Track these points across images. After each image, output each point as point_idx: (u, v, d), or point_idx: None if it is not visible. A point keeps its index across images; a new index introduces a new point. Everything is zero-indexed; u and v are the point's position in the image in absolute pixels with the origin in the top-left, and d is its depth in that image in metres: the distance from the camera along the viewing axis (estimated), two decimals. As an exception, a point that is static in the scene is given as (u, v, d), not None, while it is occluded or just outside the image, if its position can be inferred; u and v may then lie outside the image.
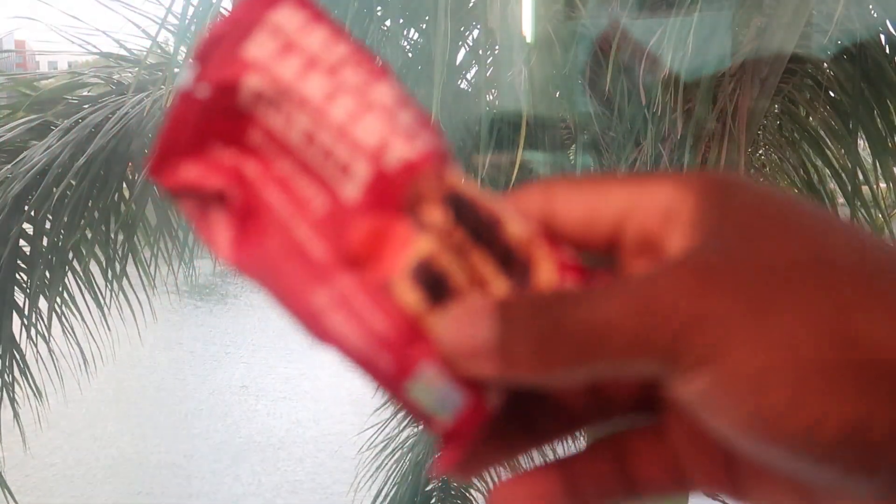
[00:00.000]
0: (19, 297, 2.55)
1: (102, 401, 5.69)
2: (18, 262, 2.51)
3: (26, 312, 2.54)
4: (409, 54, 2.03)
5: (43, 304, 2.56)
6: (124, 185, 2.55)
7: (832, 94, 2.20)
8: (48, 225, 2.47)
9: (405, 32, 2.02)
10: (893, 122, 2.12)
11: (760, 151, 2.54)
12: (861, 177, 2.18)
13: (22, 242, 2.48)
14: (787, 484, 0.24)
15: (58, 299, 2.55)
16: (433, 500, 3.12)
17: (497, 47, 1.96)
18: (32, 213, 2.39)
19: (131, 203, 2.54)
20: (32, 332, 2.56)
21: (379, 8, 1.88)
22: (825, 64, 2.14)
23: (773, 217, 0.23)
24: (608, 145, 2.08)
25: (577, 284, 0.25)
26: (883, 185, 2.22)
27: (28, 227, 2.46)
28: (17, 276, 2.53)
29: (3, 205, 2.34)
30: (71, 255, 2.55)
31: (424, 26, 1.96)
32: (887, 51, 2.05)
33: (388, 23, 1.92)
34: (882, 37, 2.06)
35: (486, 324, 0.23)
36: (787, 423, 0.20)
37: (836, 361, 0.20)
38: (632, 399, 0.27)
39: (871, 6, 1.94)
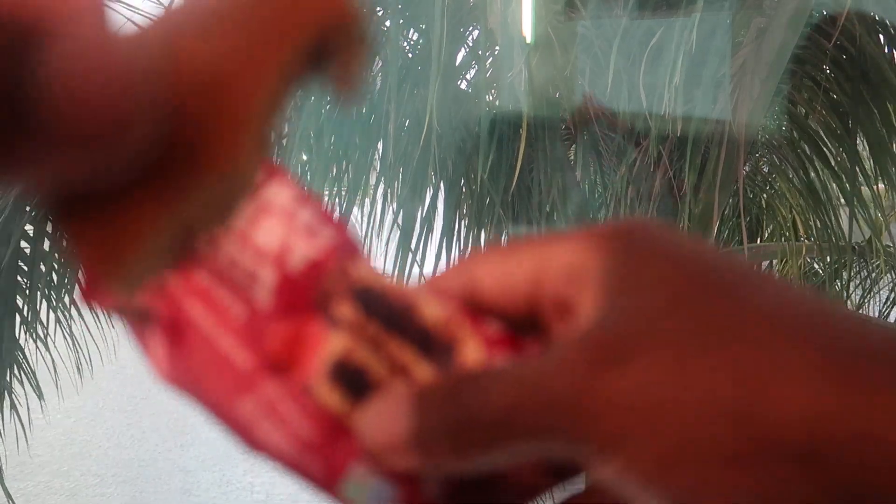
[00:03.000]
0: (19, 299, 2.55)
1: (107, 404, 5.69)
2: (20, 263, 2.51)
3: (27, 313, 2.54)
4: (409, 55, 2.03)
5: (43, 304, 2.56)
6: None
7: (832, 95, 2.20)
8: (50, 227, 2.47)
9: (405, 33, 2.03)
10: (892, 123, 2.12)
11: (759, 152, 2.54)
12: (860, 178, 2.18)
13: (23, 244, 2.49)
14: None
15: (64, 299, 2.56)
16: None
17: (497, 48, 1.97)
18: (34, 214, 2.39)
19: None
20: (33, 332, 2.56)
21: (379, 8, 1.88)
22: (825, 65, 2.14)
23: (677, 275, 0.22)
24: (608, 146, 2.09)
25: (505, 357, 0.25)
26: (881, 185, 2.22)
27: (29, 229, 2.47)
28: (19, 278, 2.53)
29: (4, 206, 2.35)
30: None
31: (424, 27, 1.96)
32: (887, 51, 2.06)
33: (388, 23, 1.92)
34: (882, 37, 2.06)
35: (402, 416, 0.23)
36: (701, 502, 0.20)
37: (737, 443, 0.20)
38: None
39: (871, 7, 1.94)
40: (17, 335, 2.53)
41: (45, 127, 0.18)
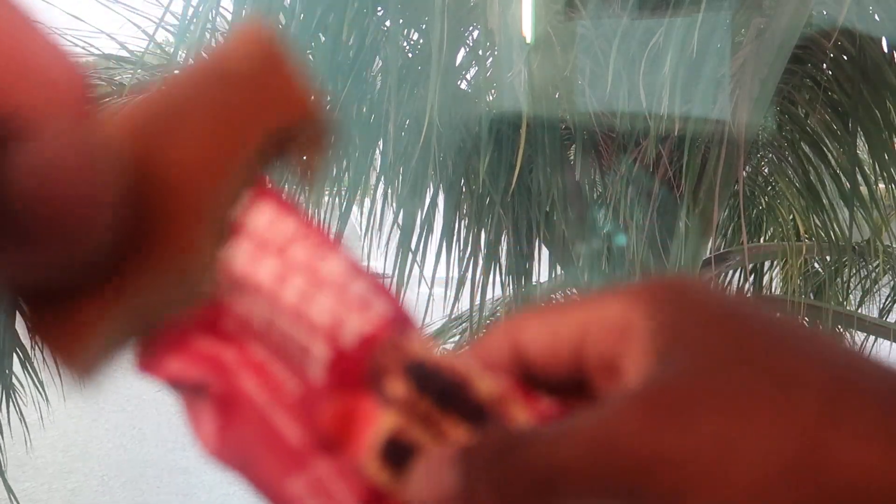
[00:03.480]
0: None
1: (108, 404, 5.69)
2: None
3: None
4: (409, 55, 2.04)
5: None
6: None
7: (831, 95, 2.20)
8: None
9: (405, 32, 2.03)
10: (892, 122, 2.12)
11: (760, 153, 2.55)
12: (860, 178, 2.18)
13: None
14: None
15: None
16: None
17: (497, 48, 1.97)
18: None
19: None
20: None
21: (379, 8, 1.89)
22: (824, 65, 2.14)
23: (728, 330, 0.22)
24: (608, 146, 2.09)
25: None
26: (881, 185, 2.22)
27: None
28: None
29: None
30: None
31: (424, 26, 1.97)
32: (886, 52, 2.06)
33: (388, 23, 1.92)
34: (882, 38, 2.06)
35: (449, 472, 0.23)
36: None
37: (805, 495, 0.20)
38: None
39: (870, 7, 1.94)
40: (19, 335, 2.54)
41: (11, 223, 0.18)
